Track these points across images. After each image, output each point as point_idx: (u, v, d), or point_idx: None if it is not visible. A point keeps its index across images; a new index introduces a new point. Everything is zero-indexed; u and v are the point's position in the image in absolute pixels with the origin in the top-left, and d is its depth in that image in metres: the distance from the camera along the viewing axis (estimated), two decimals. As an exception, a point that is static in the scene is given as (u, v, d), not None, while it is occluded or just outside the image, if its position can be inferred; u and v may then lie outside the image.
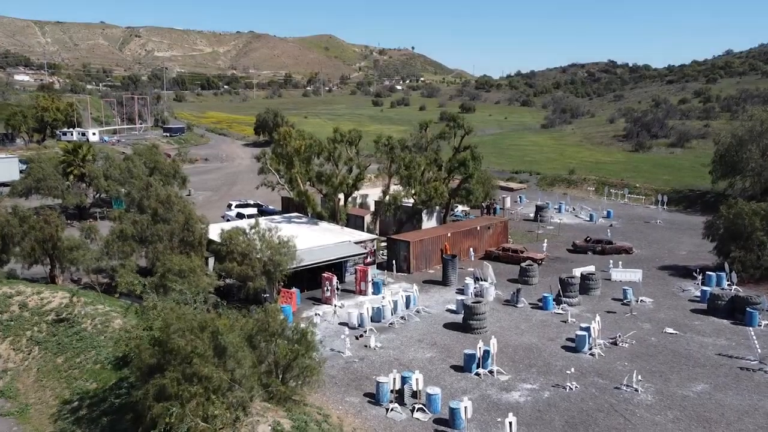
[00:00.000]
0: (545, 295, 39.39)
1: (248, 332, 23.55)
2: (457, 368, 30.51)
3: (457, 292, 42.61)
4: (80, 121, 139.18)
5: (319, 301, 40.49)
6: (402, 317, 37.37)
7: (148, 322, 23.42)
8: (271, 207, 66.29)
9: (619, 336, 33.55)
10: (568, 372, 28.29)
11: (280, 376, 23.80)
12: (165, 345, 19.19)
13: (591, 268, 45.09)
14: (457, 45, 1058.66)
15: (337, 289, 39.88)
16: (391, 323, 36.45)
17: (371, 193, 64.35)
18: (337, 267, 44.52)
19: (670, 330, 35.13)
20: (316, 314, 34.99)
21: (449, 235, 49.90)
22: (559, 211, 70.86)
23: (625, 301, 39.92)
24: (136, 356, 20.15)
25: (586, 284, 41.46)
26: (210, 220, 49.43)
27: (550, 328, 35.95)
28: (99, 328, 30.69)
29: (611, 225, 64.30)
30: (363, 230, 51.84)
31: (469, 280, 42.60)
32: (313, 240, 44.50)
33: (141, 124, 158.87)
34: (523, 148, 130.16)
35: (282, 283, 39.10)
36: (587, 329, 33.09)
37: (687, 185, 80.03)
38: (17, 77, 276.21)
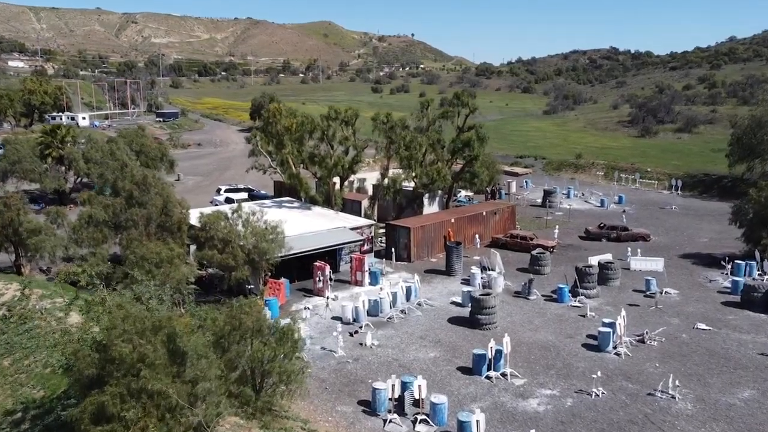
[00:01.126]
0: (560, 286, 35.61)
1: (219, 332, 19.76)
2: (464, 370, 26.77)
3: (462, 283, 38.83)
4: (70, 106, 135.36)
5: (310, 292, 36.74)
6: (402, 311, 33.63)
7: (90, 323, 19.66)
8: (263, 192, 62.50)
9: (647, 333, 29.78)
10: (595, 376, 24.49)
11: (256, 385, 20.00)
12: (107, 351, 15.40)
13: (608, 257, 41.31)
14: (458, 32, 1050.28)
15: (331, 279, 36.10)
16: (389, 318, 32.71)
17: (369, 177, 60.46)
18: (332, 255, 40.80)
19: (702, 326, 31.37)
20: (305, 308, 31.20)
21: (453, 220, 46.08)
22: (568, 197, 67.05)
23: (648, 293, 36.16)
24: (74, 365, 16.39)
25: (604, 274, 37.67)
26: (198, 205, 45.78)
27: (567, 323, 32.19)
28: (54, 326, 26.90)
29: (624, 211, 60.48)
30: (360, 216, 48.00)
31: (476, 270, 38.82)
32: (305, 226, 40.70)
33: (134, 109, 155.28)
34: (526, 133, 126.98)
35: (269, 273, 35.38)
36: (611, 325, 29.33)
37: (700, 170, 76.10)
38: (11, 63, 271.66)
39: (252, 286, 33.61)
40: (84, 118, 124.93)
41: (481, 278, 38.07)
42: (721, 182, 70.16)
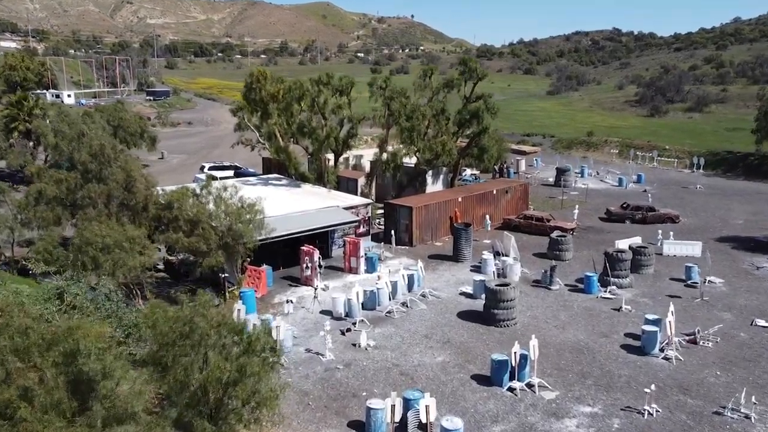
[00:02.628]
0: (587, 274, 30.55)
1: (161, 340, 14.68)
2: (480, 380, 21.76)
3: (472, 270, 33.81)
4: (56, 84, 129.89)
5: (297, 281, 31.71)
6: (403, 303, 28.63)
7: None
8: (251, 170, 57.29)
9: (698, 331, 24.74)
10: (648, 391, 19.41)
11: (212, 413, 14.91)
12: (-30, 378, 10.40)
13: (637, 240, 36.25)
14: (458, 13, 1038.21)
15: (320, 266, 31.02)
16: (388, 312, 27.69)
17: (367, 154, 55.28)
18: (323, 239, 35.75)
19: (761, 322, 26.35)
20: (288, 301, 26.17)
21: (460, 199, 40.94)
22: (582, 176, 61.83)
23: (689, 282, 31.15)
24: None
25: (636, 260, 32.59)
26: (179, 184, 40.60)
27: (599, 318, 27.16)
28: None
29: (644, 190, 55.40)
30: (356, 195, 42.85)
31: (488, 255, 33.75)
32: (292, 205, 35.56)
33: (124, 87, 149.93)
34: (530, 113, 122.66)
35: (248, 260, 30.33)
36: (656, 322, 24.30)
37: (721, 148, 70.86)
38: (2, 44, 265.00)
39: (227, 275, 28.53)
40: (69, 96, 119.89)
41: (495, 265, 33.04)
42: (747, 160, 64.94)
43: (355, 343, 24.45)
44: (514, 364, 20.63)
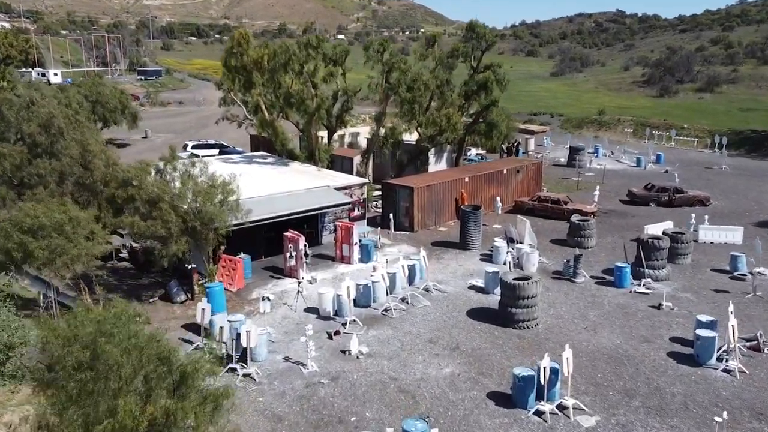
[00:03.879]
0: (618, 264, 26.16)
1: (38, 376, 10.31)
2: (499, 399, 17.44)
3: (481, 259, 29.46)
4: (43, 62, 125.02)
5: (281, 272, 27.37)
6: (403, 299, 24.31)
7: None
8: (239, 149, 52.81)
9: (761, 335, 20.39)
10: (719, 420, 15.02)
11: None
12: None
13: (668, 225, 31.87)
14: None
15: (306, 255, 26.61)
16: (385, 310, 23.37)
17: (364, 132, 50.83)
18: (312, 223, 31.43)
19: (833, 323, 22.02)
20: (264, 298, 21.79)
21: (467, 179, 36.48)
22: (596, 155, 57.27)
23: (736, 274, 26.81)
24: None
25: (672, 248, 28.11)
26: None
27: (636, 318, 22.81)
28: None
29: (666, 171, 50.93)
30: (351, 175, 38.38)
31: (500, 242, 29.36)
32: (277, 184, 31.14)
33: (115, 67, 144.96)
34: (535, 93, 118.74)
35: (222, 248, 25.98)
36: (711, 325, 19.95)
37: (741, 128, 66.31)
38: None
39: (194, 265, 24.15)
40: (56, 74, 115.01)
41: (508, 253, 28.67)
42: (773, 139, 60.44)
43: (345, 350, 20.13)
44: (543, 382, 16.26)
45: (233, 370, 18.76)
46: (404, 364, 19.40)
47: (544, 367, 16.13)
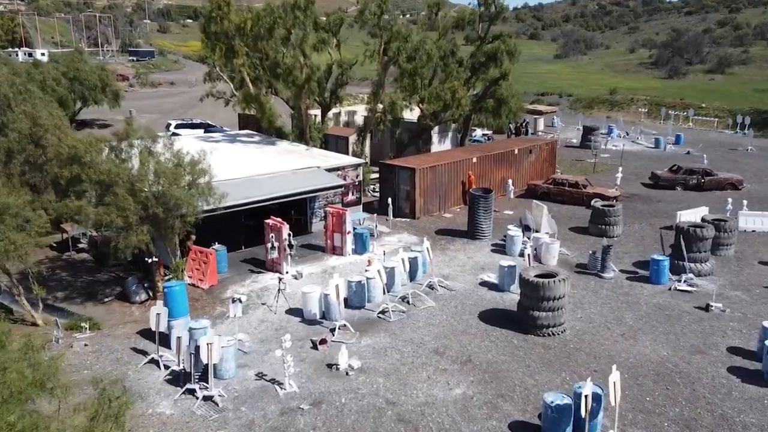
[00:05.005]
0: (656, 257, 22.40)
1: None
2: (525, 431, 13.77)
3: (493, 250, 25.75)
4: (31, 42, 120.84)
5: (263, 265, 23.66)
6: (403, 298, 20.63)
7: None
8: (226, 129, 48.92)
9: (841, 346, 16.69)
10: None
11: None
12: None
13: (704, 210, 28.17)
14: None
15: (290, 245, 22.84)
16: (382, 312, 19.69)
17: (361, 110, 46.92)
18: (301, 209, 27.77)
19: None
20: (235, 299, 18.06)
21: (475, 160, 32.68)
22: (610, 136, 53.39)
23: (790, 268, 23.15)
24: None
25: (713, 237, 24.37)
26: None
27: (681, 322, 19.10)
28: None
29: (687, 152, 47.15)
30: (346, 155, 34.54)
31: (514, 231, 25.61)
32: (260, 165, 27.36)
33: (108, 48, 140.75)
34: (540, 75, 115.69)
35: (190, 237, 22.29)
36: (780, 334, 16.28)
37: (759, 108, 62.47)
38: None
39: (155, 259, 20.39)
40: (43, 54, 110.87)
41: (524, 243, 24.99)
42: (800, 119, 56.54)
43: (332, 364, 16.45)
44: (585, 414, 12.55)
45: (191, 392, 15.09)
46: (404, 382, 15.71)
47: (586, 396, 12.42)
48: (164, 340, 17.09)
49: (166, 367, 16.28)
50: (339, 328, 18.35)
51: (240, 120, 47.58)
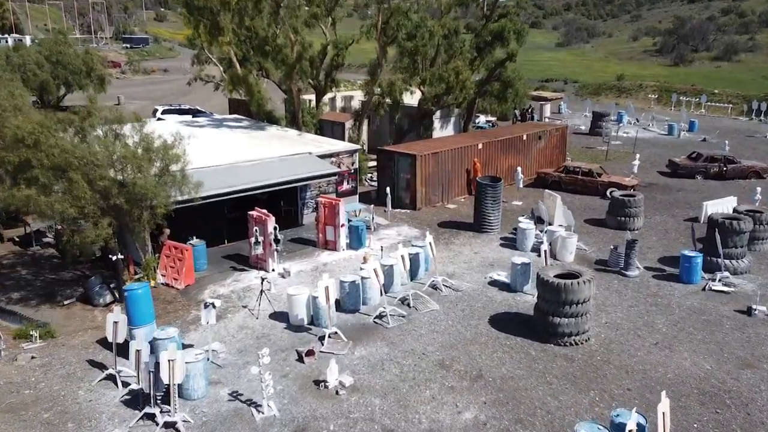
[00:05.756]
0: (686, 253, 19.92)
1: None
2: (551, 469, 11.39)
3: (502, 245, 23.30)
4: (21, 29, 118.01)
5: (247, 262, 21.20)
6: (403, 300, 18.19)
7: None
8: (216, 115, 46.33)
9: None
10: None
11: None
12: None
13: (732, 201, 25.79)
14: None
15: (277, 240, 20.35)
16: (379, 316, 17.26)
17: (358, 95, 44.37)
18: (291, 200, 25.36)
19: None
20: (207, 304, 15.59)
21: (480, 146, 30.18)
22: (620, 123, 50.81)
23: (837, 266, 20.69)
24: None
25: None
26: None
27: (722, 329, 16.64)
28: None
29: (704, 139, 44.69)
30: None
31: (525, 223, 23.14)
32: (246, 151, 24.82)
33: (100, 35, 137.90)
34: (543, 63, 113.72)
35: (164, 231, 19.87)
36: None
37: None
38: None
39: (121, 257, 17.92)
40: (34, 41, 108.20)
41: (536, 237, 22.59)
42: (817, 106, 53.93)
43: (320, 381, 14.03)
44: (626, 451, 10.11)
45: (151, 416, 12.67)
46: (404, 404, 13.29)
47: (630, 431, 9.97)
48: (126, 351, 14.66)
49: (125, 384, 13.87)
50: (329, 337, 15.91)
51: (230, 105, 45.10)
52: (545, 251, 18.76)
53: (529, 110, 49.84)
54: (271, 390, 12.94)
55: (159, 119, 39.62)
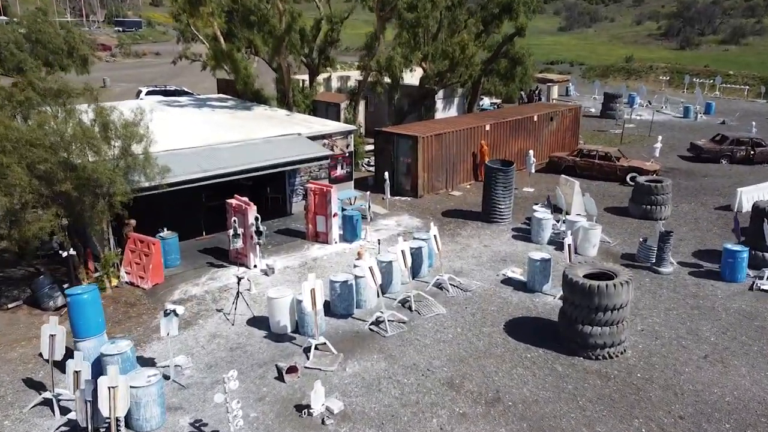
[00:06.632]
0: (729, 247, 17.32)
1: None
2: None
3: (515, 237, 20.71)
4: (10, 12, 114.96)
5: (226, 257, 18.60)
6: (404, 303, 15.61)
7: None
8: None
9: None
10: None
11: None
12: None
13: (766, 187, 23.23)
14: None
15: (259, 233, 17.70)
16: (376, 322, 14.69)
17: (355, 76, 41.64)
18: (278, 187, 22.82)
19: None
20: (168, 311, 12.97)
21: (488, 128, 27.51)
22: (631, 105, 48.06)
23: None
24: None
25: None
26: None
27: (781, 338, 14.12)
28: None
29: (723, 122, 42.01)
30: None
31: (542, 212, 20.54)
32: (227, 132, 22.16)
33: (92, 18, 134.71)
34: (546, 47, 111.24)
35: (128, 223, 17.27)
36: None
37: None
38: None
39: (72, 252, 15.31)
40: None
41: (554, 228, 20.05)
42: (839, 87, 51.27)
43: (303, 406, 11.48)
44: None
45: (88, 458, 10.12)
46: (406, 437, 10.77)
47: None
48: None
49: (64, 411, 11.33)
50: (316, 348, 13.36)
51: (219, 86, 42.32)
52: (569, 245, 16.13)
53: (536, 92, 47.11)
54: (241, 422, 10.39)
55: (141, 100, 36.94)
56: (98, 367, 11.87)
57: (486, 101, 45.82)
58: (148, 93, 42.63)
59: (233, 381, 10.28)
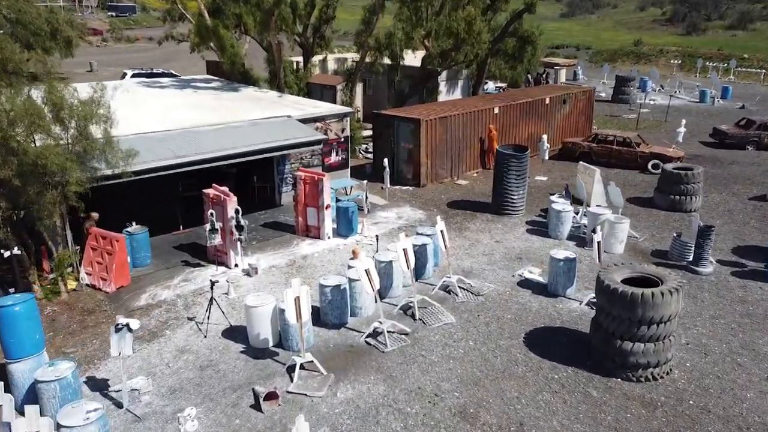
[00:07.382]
0: (780, 244, 15.12)
1: None
2: None
3: (530, 231, 18.47)
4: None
5: (204, 254, 16.35)
6: (405, 310, 13.40)
7: None
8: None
9: None
10: None
11: None
12: None
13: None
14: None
15: (240, 227, 15.42)
16: (373, 334, 12.47)
17: (353, 57, 39.28)
18: (266, 175, 20.60)
19: None
20: (120, 326, 10.76)
21: (497, 111, 25.20)
22: (643, 90, 45.68)
23: None
24: None
25: None
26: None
27: None
28: None
29: (742, 106, 39.71)
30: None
31: (561, 203, 18.29)
32: (210, 114, 19.88)
33: (85, 3, 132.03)
34: (549, 32, 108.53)
35: (89, 216, 15.02)
36: None
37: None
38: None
39: (15, 252, 13.08)
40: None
41: (574, 221, 17.83)
42: None
43: (282, 446, 9.30)
44: None
45: None
46: (410, 489, 8.57)
47: None
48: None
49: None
50: (301, 367, 11.15)
51: (208, 68, 39.85)
52: (598, 243, 13.86)
53: (544, 75, 44.76)
54: (201, 472, 8.20)
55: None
56: (32, 396, 9.68)
57: (490, 85, 43.40)
58: (134, 76, 40.27)
59: (192, 421, 8.06)
